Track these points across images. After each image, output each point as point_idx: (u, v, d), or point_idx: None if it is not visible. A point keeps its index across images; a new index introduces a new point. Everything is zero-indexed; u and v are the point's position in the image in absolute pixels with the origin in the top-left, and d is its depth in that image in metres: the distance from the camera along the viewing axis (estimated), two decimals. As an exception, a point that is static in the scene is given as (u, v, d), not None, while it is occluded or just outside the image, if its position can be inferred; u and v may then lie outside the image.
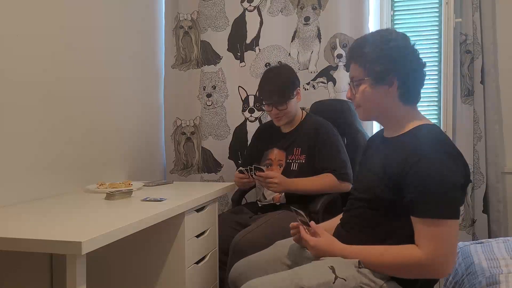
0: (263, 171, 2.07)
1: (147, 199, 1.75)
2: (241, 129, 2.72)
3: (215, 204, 2.06)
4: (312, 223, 1.50)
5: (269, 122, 2.39)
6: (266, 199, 2.22)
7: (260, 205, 2.25)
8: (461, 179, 1.27)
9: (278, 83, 2.17)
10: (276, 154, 2.24)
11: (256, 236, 1.86)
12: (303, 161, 2.15)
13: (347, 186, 2.08)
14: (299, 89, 2.24)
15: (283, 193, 2.15)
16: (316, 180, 2.10)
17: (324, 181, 2.09)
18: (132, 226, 1.34)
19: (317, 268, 1.30)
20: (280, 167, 2.21)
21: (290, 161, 2.19)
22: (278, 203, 2.17)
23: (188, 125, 2.82)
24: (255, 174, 2.07)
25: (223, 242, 2.06)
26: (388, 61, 1.36)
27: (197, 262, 1.83)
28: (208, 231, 1.94)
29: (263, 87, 2.23)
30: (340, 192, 2.11)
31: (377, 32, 1.48)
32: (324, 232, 1.45)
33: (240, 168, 2.13)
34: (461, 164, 1.28)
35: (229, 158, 2.73)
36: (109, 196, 1.75)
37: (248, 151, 2.47)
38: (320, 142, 2.14)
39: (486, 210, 2.51)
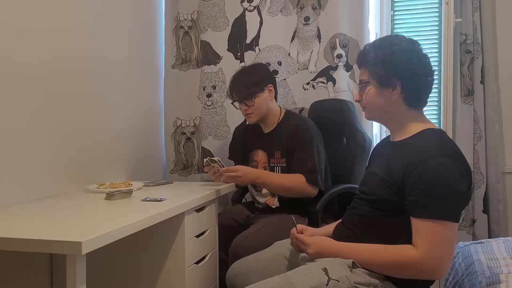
0: (219, 163, 2.04)
1: (147, 199, 1.75)
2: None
3: (215, 204, 2.06)
4: (307, 228, 1.56)
5: (251, 124, 2.30)
6: (259, 202, 2.21)
7: (256, 206, 2.25)
8: (464, 183, 1.27)
9: (243, 79, 2.14)
10: (260, 156, 2.21)
11: (255, 241, 1.86)
12: (284, 165, 2.12)
13: (313, 191, 2.02)
14: (271, 87, 2.16)
15: (276, 198, 2.14)
16: (285, 177, 2.06)
17: (293, 180, 2.03)
18: (132, 226, 1.34)
19: (309, 272, 1.31)
20: (265, 169, 2.18)
21: (273, 164, 2.15)
22: (273, 207, 2.15)
23: (188, 125, 2.82)
24: (222, 166, 2.04)
25: (222, 242, 2.07)
26: (391, 65, 1.38)
27: (197, 262, 1.83)
28: (208, 231, 1.94)
29: (229, 85, 2.20)
30: (305, 196, 2.03)
31: (385, 37, 1.51)
32: (319, 235, 1.49)
33: (206, 159, 2.09)
34: (464, 169, 1.28)
35: (229, 158, 2.72)
36: (109, 196, 1.75)
37: (240, 153, 2.40)
38: (294, 143, 2.07)
39: (486, 210, 2.51)
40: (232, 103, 2.52)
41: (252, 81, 2.12)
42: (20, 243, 1.18)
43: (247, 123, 2.26)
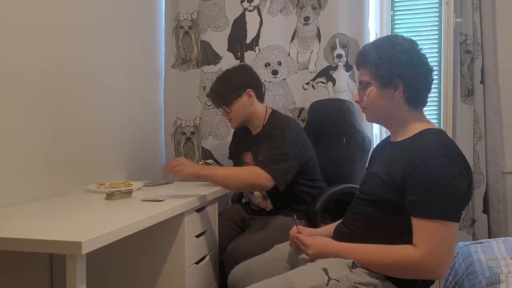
0: (213, 165, 2.02)
1: (147, 199, 1.75)
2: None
3: (215, 204, 2.06)
4: (305, 229, 1.55)
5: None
6: (254, 204, 2.20)
7: (252, 208, 2.24)
8: (464, 183, 1.27)
9: (219, 85, 2.12)
10: (249, 158, 2.18)
11: (249, 247, 1.85)
12: None
13: (267, 181, 1.85)
14: (251, 91, 2.08)
15: (268, 200, 2.12)
16: (236, 169, 2.02)
17: (245, 171, 1.94)
18: (132, 226, 1.34)
19: (309, 272, 1.31)
20: None
21: None
22: (267, 209, 2.14)
23: (188, 125, 2.82)
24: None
25: (221, 242, 2.07)
26: (394, 65, 1.38)
27: (197, 262, 1.83)
28: (208, 231, 1.94)
29: (209, 91, 2.18)
30: (259, 188, 1.94)
31: (385, 37, 1.52)
32: (318, 236, 1.49)
33: (201, 161, 2.07)
34: (464, 169, 1.29)
35: (229, 158, 2.72)
36: (109, 196, 1.75)
37: (235, 156, 2.37)
38: (268, 142, 1.99)
39: (486, 210, 2.51)
40: (216, 108, 2.51)
41: (228, 89, 2.08)
42: (20, 243, 1.18)
43: (231, 127, 2.22)
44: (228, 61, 2.72)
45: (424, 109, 1.46)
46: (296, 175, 2.00)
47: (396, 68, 1.38)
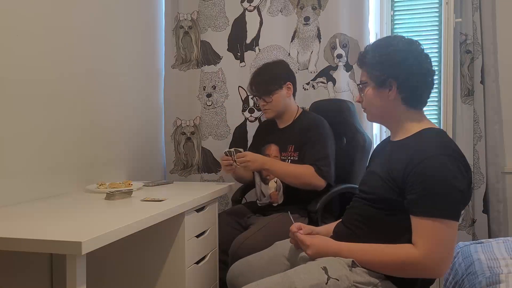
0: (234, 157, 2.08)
1: (147, 199, 1.75)
2: (241, 129, 2.72)
3: (215, 204, 2.06)
4: (305, 226, 1.55)
5: (268, 120, 2.38)
6: (265, 196, 2.22)
7: (259, 205, 2.25)
8: (464, 182, 1.27)
9: (262, 76, 2.23)
10: (273, 149, 2.24)
11: (255, 242, 1.86)
12: (296, 158, 2.15)
13: (321, 183, 2.05)
14: (290, 84, 2.23)
15: (281, 191, 2.14)
16: (293, 165, 2.10)
17: (301, 170, 2.06)
18: (132, 226, 1.34)
19: (309, 270, 1.31)
20: None
21: (284, 157, 2.19)
22: (275, 204, 2.16)
23: (188, 125, 2.82)
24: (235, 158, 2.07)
25: (222, 242, 2.07)
26: (386, 66, 1.39)
27: (197, 262, 1.83)
28: (208, 231, 1.94)
29: (250, 80, 2.29)
30: (313, 188, 2.05)
31: (384, 38, 1.54)
32: (318, 234, 1.50)
33: (225, 151, 2.12)
34: (464, 168, 1.29)
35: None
36: (109, 196, 1.75)
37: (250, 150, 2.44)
38: (307, 137, 2.13)
39: (486, 210, 2.51)
40: (252, 98, 2.56)
41: (271, 78, 2.20)
42: (20, 243, 1.18)
43: (265, 117, 2.33)
44: (228, 61, 2.73)
45: (424, 109, 1.46)
46: None
47: (388, 69, 1.39)
